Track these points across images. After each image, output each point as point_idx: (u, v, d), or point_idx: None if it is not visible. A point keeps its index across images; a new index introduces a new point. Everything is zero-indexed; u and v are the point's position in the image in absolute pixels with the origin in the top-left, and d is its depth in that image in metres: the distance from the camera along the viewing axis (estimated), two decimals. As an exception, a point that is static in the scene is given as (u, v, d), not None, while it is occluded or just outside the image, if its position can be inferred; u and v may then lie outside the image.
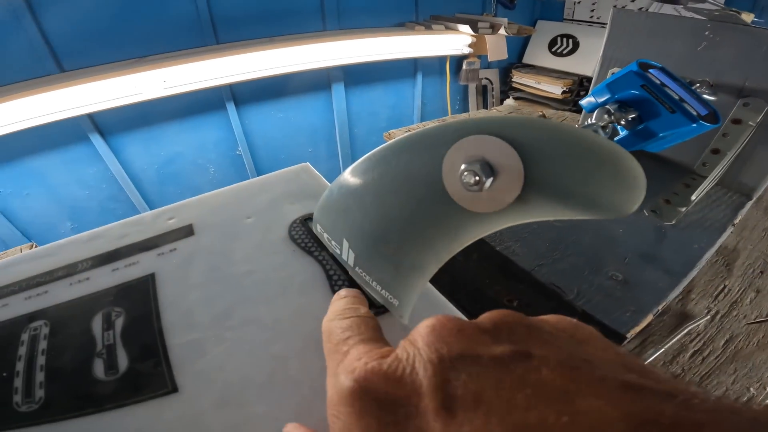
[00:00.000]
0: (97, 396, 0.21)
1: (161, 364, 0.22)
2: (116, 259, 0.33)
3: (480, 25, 1.35)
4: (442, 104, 1.68)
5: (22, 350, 0.24)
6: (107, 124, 1.17)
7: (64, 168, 1.18)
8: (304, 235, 0.34)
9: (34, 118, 0.98)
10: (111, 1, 1.02)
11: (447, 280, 0.32)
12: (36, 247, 0.65)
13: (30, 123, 0.98)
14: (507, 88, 1.81)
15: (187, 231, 0.35)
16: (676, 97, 0.39)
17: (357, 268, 0.27)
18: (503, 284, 0.31)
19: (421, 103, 1.62)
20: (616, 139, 0.40)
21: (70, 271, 0.32)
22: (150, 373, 0.22)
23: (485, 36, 1.37)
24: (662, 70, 0.41)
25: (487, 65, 1.74)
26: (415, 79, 1.57)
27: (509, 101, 1.68)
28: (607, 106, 0.39)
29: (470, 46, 1.44)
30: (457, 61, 1.58)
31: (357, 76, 1.45)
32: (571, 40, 1.64)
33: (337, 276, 0.29)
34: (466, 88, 1.72)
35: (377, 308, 0.26)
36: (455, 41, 1.39)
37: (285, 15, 1.23)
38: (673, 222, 0.52)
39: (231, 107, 1.29)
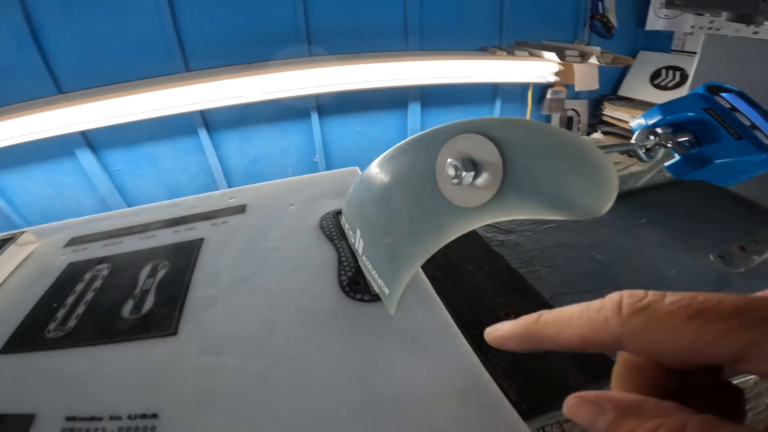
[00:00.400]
0: (114, 331, 0.25)
1: (175, 311, 0.26)
2: (181, 224, 0.39)
3: (568, 53, 1.29)
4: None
5: (80, 287, 0.30)
6: (213, 122, 1.36)
7: (174, 156, 1.40)
8: (331, 226, 0.36)
9: (156, 110, 1.18)
10: (239, 11, 1.19)
11: (450, 285, 0.31)
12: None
13: (152, 114, 1.19)
14: (596, 122, 1.69)
15: (240, 209, 0.40)
16: (747, 123, 0.34)
17: (363, 257, 0.28)
18: (507, 297, 0.29)
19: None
20: (667, 164, 0.36)
21: (144, 228, 0.39)
22: (163, 317, 0.26)
23: (573, 64, 1.31)
24: (740, 94, 0.37)
25: (575, 95, 1.65)
26: (493, 104, 1.55)
27: (596, 135, 1.57)
28: (654, 128, 0.36)
29: (557, 74, 1.38)
30: (541, 89, 1.53)
31: (434, 97, 1.48)
32: (678, 73, 1.48)
33: (348, 263, 0.30)
34: (548, 118, 1.65)
35: (372, 296, 0.26)
36: (539, 68, 1.35)
37: (371, 33, 1.32)
38: (742, 270, 0.44)
39: (315, 117, 1.41)
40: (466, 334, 0.24)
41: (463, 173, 0.21)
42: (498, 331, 0.17)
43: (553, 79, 1.39)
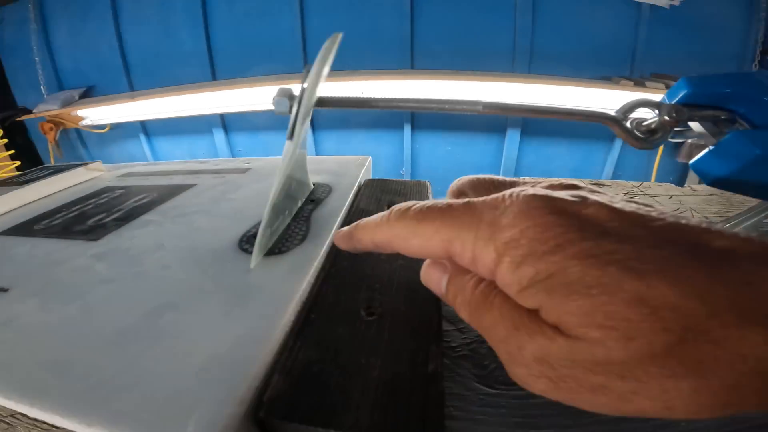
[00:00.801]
0: (69, 232, 0.29)
1: (119, 227, 0.29)
2: (194, 174, 0.44)
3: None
4: (643, 179, 1.37)
5: (92, 201, 0.36)
6: (318, 120, 1.51)
7: (282, 147, 1.59)
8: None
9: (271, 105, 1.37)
10: (355, 20, 1.32)
11: (344, 267, 0.25)
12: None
13: (267, 107, 1.38)
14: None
15: (243, 171, 0.43)
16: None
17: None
18: (390, 298, 0.21)
19: (613, 171, 1.37)
20: (695, 159, 0.22)
21: (172, 173, 0.45)
22: (107, 228, 0.29)
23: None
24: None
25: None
26: (612, 143, 1.34)
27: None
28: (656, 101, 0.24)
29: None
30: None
31: (538, 125, 1.36)
32: None
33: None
34: (685, 168, 1.36)
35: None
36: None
37: (476, 52, 1.31)
38: None
39: (407, 129, 1.44)
40: (304, 316, 0.20)
41: None
42: (338, 233, 0.20)
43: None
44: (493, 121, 1.38)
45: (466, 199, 0.15)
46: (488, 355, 0.20)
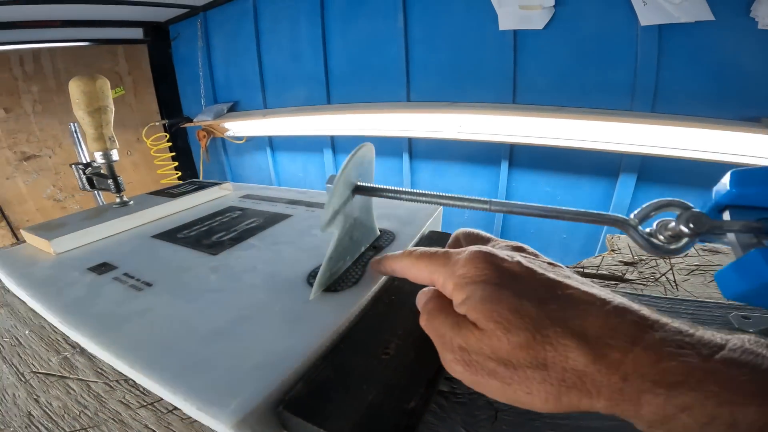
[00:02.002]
0: (199, 244, 0.40)
1: (232, 246, 0.39)
2: (294, 204, 0.55)
3: None
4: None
5: (218, 218, 0.49)
6: (416, 149, 1.60)
7: (380, 171, 1.72)
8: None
9: (380, 130, 1.51)
10: (456, 50, 1.40)
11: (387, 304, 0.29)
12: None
13: (377, 133, 1.52)
14: None
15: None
16: None
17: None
18: (407, 342, 0.24)
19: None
20: (719, 271, 0.19)
21: (276, 200, 0.56)
22: (224, 245, 0.40)
23: None
24: None
25: None
26: None
27: None
28: (685, 203, 0.22)
29: None
30: None
31: (660, 171, 1.21)
32: None
33: None
34: None
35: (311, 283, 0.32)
36: None
37: (587, 87, 1.23)
38: None
39: (504, 166, 1.42)
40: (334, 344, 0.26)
41: None
42: (373, 260, 0.29)
43: None
44: (604, 163, 1.28)
45: (446, 249, 0.24)
46: (483, 407, 0.23)
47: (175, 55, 2.33)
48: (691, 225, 0.22)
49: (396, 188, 0.29)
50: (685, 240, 0.22)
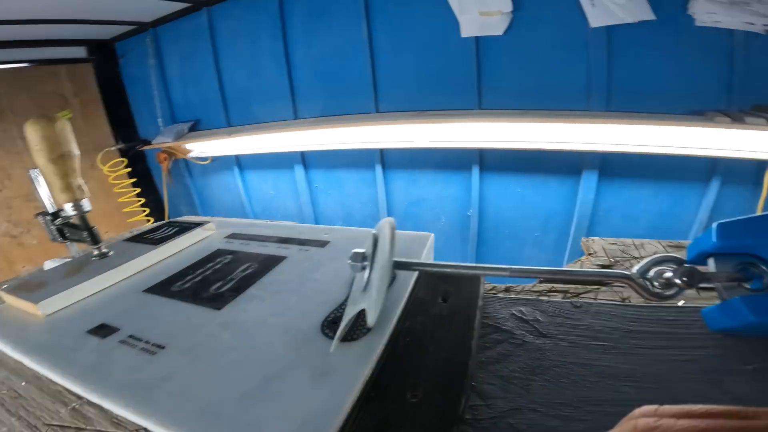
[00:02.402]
0: (198, 297, 0.40)
1: (233, 297, 0.39)
2: (285, 243, 0.54)
3: None
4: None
5: (209, 265, 0.48)
6: (389, 160, 1.62)
7: (355, 184, 1.73)
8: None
9: (351, 144, 1.52)
10: (424, 60, 1.43)
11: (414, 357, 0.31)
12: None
13: (348, 146, 1.53)
14: None
15: (323, 244, 0.53)
16: None
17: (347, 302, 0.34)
18: (426, 383, 0.26)
19: (709, 217, 1.25)
20: (704, 310, 0.25)
21: (265, 239, 0.56)
22: (225, 298, 0.39)
23: None
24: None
25: None
26: (707, 184, 1.22)
27: None
28: (677, 258, 0.27)
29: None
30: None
31: (618, 167, 1.30)
32: None
33: (344, 307, 0.37)
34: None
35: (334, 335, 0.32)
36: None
37: (547, 89, 1.30)
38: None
39: (476, 170, 1.48)
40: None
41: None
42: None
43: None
44: (567, 163, 1.35)
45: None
46: (505, 428, 0.25)
47: (125, 73, 2.23)
48: (685, 278, 0.26)
49: (431, 263, 0.32)
50: (673, 291, 0.27)
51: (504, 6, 1.26)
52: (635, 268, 0.28)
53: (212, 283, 0.44)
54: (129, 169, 2.27)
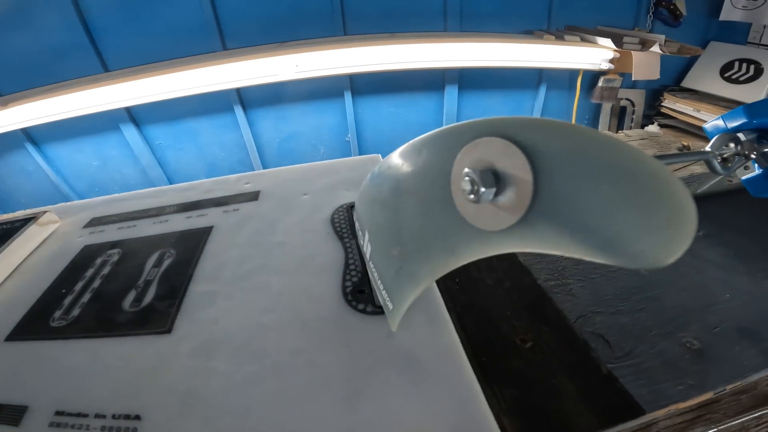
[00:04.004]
0: (113, 323, 0.24)
1: (173, 306, 0.25)
2: (194, 209, 0.38)
3: (627, 40, 1.17)
4: (566, 120, 1.52)
5: (90, 272, 0.30)
6: (249, 99, 1.39)
7: (212, 132, 1.43)
8: (343, 222, 0.34)
9: (195, 88, 1.20)
10: None
11: (463, 301, 0.28)
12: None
13: (191, 92, 1.21)
14: (653, 113, 1.54)
15: (253, 196, 0.39)
16: None
17: (370, 263, 0.25)
18: (525, 321, 0.26)
19: (541, 115, 1.49)
20: (745, 177, 0.30)
21: (159, 212, 0.38)
22: (161, 311, 0.25)
23: (632, 52, 1.18)
24: None
25: (632, 85, 1.51)
26: (537, 90, 1.47)
27: (651, 127, 1.44)
28: (735, 134, 0.30)
29: (611, 62, 1.27)
30: (592, 77, 1.41)
31: (473, 80, 1.45)
32: (752, 66, 1.32)
33: (355, 267, 0.28)
34: (598, 107, 1.52)
35: (376, 308, 0.24)
36: (591, 55, 1.25)
37: (408, 13, 1.30)
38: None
39: (348, 96, 1.42)
40: (473, 361, 0.21)
41: (482, 189, 0.17)
42: None
43: (606, 66, 1.28)
44: (432, 80, 1.42)
45: None
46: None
47: None
48: (756, 147, 0.29)
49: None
50: (741, 161, 0.30)
51: None
52: (709, 146, 0.27)
53: (116, 297, 0.28)
54: None
